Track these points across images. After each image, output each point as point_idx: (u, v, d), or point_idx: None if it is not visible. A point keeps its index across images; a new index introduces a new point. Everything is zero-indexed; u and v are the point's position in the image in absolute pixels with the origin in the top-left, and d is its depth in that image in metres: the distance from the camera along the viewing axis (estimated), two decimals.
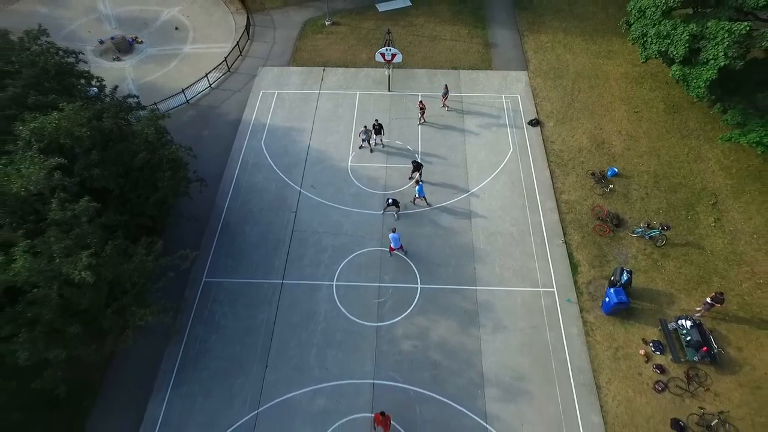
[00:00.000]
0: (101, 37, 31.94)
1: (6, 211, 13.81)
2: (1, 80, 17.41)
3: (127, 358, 18.74)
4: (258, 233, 22.06)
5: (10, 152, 15.24)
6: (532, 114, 26.96)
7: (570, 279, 20.51)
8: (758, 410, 17.02)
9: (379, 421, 15.58)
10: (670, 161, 24.39)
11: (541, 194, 23.37)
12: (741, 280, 20.19)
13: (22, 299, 13.45)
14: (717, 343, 18.28)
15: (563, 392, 17.66)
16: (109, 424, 17.26)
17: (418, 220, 22.48)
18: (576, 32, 31.62)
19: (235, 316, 19.68)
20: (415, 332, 19.12)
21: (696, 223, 22.07)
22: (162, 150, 18.27)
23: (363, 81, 29.09)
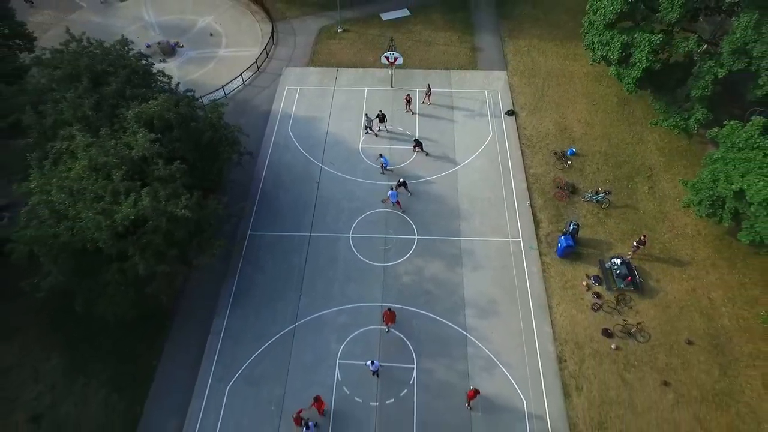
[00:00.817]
0: (148, 42, 37.74)
1: (128, 169, 19.73)
2: (106, 78, 23.33)
3: (194, 291, 24.69)
4: (289, 198, 28.03)
5: (125, 129, 21.17)
6: (509, 106, 32.94)
7: (533, 232, 26.49)
8: (665, 322, 23.02)
9: (387, 316, 21.57)
10: (618, 143, 30.39)
11: (514, 169, 29.35)
12: (664, 232, 26.18)
13: (140, 230, 19.39)
14: (640, 276, 24.29)
15: (524, 311, 23.64)
16: (185, 334, 23.20)
17: (417, 189, 28.42)
18: (549, 38, 37.58)
19: (274, 259, 25.63)
20: (413, 270, 25.08)
21: (634, 191, 28.07)
22: (222, 130, 24.23)
23: (370, 79, 35.05)
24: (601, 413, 20.74)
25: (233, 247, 25.41)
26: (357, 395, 21.25)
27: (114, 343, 22.87)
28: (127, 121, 21.39)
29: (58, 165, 20.34)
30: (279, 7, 40.97)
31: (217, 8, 41.51)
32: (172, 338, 23.26)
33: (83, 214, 18.38)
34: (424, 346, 22.51)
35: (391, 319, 22.01)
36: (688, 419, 20.44)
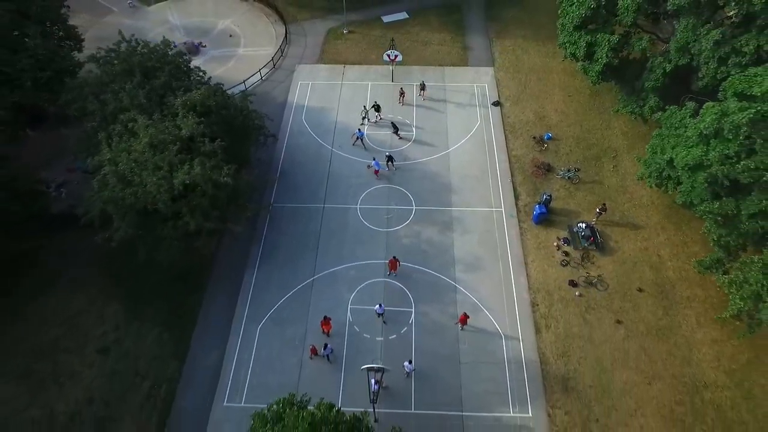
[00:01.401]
0: (175, 42, 42.21)
1: (180, 145, 24.36)
2: (154, 73, 27.95)
3: (227, 252, 29.29)
4: (305, 175, 32.70)
5: (175, 114, 25.79)
6: (495, 97, 37.64)
7: (513, 203, 31.20)
8: (621, 274, 27.73)
9: (392, 263, 26.32)
10: (588, 129, 35.11)
11: (498, 151, 34.06)
12: (623, 202, 30.91)
13: (191, 194, 24.01)
14: (601, 238, 29.01)
15: (504, 267, 28.32)
16: (221, 286, 27.84)
17: (415, 168, 33.10)
18: (531, 38, 42.24)
19: (294, 226, 30.27)
20: (411, 234, 29.74)
21: (600, 169, 32.79)
22: (251, 116, 28.87)
23: (373, 75, 39.70)
24: (565, 345, 25.46)
25: (259, 215, 30.03)
26: (365, 333, 25.91)
27: (163, 293, 27.48)
28: (176, 107, 26.02)
29: (121, 143, 24.93)
30: (290, 11, 45.63)
31: (234, 12, 46.17)
32: (211, 289, 27.91)
33: (147, 180, 23.01)
34: (421, 294, 27.19)
35: (395, 267, 26.74)
36: (636, 348, 25.15)
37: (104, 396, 24.11)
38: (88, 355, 25.41)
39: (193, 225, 23.76)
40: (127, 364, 25.13)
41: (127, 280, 28.05)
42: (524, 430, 22.98)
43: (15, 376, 24.47)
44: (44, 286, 27.67)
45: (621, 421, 23.06)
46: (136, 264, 27.26)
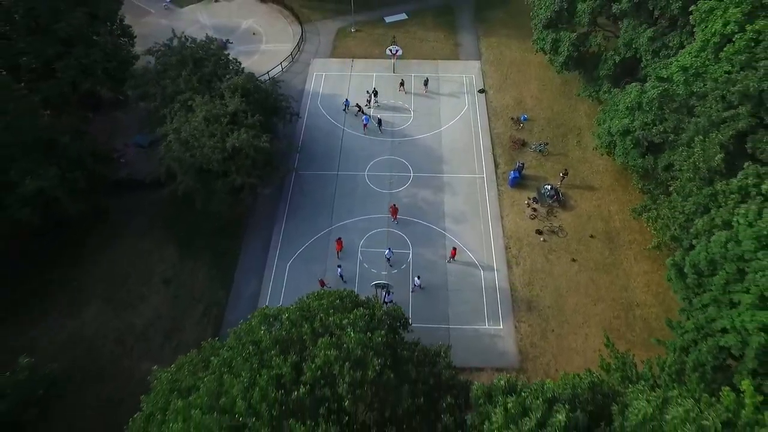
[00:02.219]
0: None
1: (228, 118, 31.15)
2: (202, 63, 34.71)
3: (259, 209, 36.05)
4: (321, 148, 39.50)
5: (222, 95, 32.56)
6: (481, 86, 44.44)
7: (493, 171, 38.00)
8: (578, 225, 34.55)
9: (393, 210, 33.18)
10: (558, 111, 41.91)
11: (482, 130, 40.86)
12: (584, 170, 37.72)
13: (237, 156, 30.76)
14: (563, 197, 35.82)
15: (484, 220, 35.12)
16: (256, 234, 34.62)
17: (413, 143, 39.89)
18: (513, 36, 48.99)
19: (313, 188, 37.03)
20: (409, 195, 36.51)
21: (566, 143, 39.61)
22: (278, 98, 35.66)
23: (377, 67, 46.47)
24: (530, 277, 32.29)
25: (285, 180, 36.84)
26: (372, 269, 32.69)
27: (210, 240, 34.26)
28: (222, 90, 32.82)
29: (181, 117, 31.69)
30: (305, 12, 52.44)
31: (255, 13, 53.00)
32: (248, 238, 34.70)
33: (205, 143, 29.80)
34: (417, 240, 33.98)
35: (395, 213, 33.63)
36: (586, 279, 31.98)
37: (169, 314, 30.95)
38: (154, 284, 32.25)
39: (239, 180, 30.58)
40: (185, 292, 31.96)
41: (180, 231, 34.87)
42: (496, 338, 29.82)
43: (101, 300, 31.26)
44: (113, 236, 34.47)
45: (571, 331, 29.89)
46: (186, 218, 34.51)
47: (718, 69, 24.08)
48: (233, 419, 15.03)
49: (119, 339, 29.87)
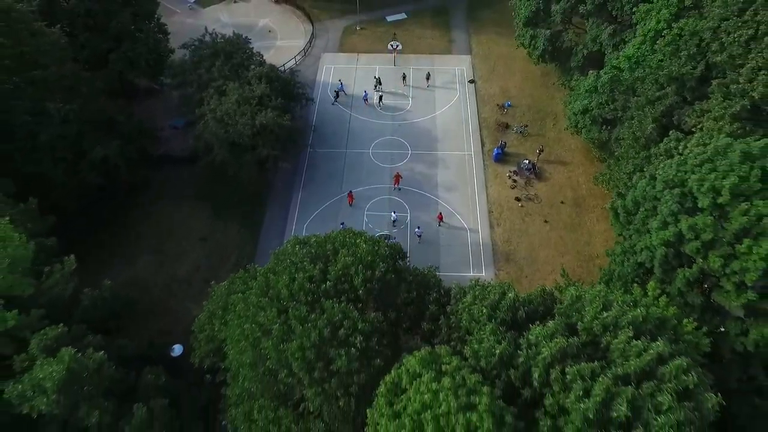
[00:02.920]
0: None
1: (256, 101, 37.26)
2: (231, 55, 40.79)
3: (279, 180, 42.18)
4: (331, 130, 45.65)
5: (250, 83, 38.66)
6: (471, 77, 50.57)
7: (480, 149, 44.13)
8: (551, 194, 40.69)
9: (396, 177, 39.37)
10: (538, 99, 48.02)
11: (471, 115, 46.98)
12: (558, 148, 43.85)
13: (264, 132, 36.86)
14: (539, 170, 41.93)
15: (471, 189, 41.24)
16: (277, 201, 40.78)
17: (411, 125, 46.00)
18: (500, 34, 55.00)
19: (325, 163, 43.15)
20: (407, 168, 42.59)
21: (543, 126, 45.73)
22: (296, 85, 41.80)
23: (380, 61, 52.56)
24: (509, 235, 38.40)
25: (300, 155, 43.01)
26: (377, 229, 38.77)
27: (238, 206, 40.31)
28: (249, 77, 38.94)
29: (216, 100, 37.78)
30: (315, 12, 58.58)
31: (270, 13, 59.16)
32: (270, 204, 40.81)
33: (238, 121, 35.91)
34: (414, 205, 40.07)
35: (398, 180, 39.82)
36: (555, 237, 38.08)
37: (206, 265, 37.07)
38: (192, 241, 38.40)
39: (265, 152, 36.72)
40: (219, 247, 38.09)
41: (212, 199, 40.97)
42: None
43: (150, 253, 37.35)
44: (156, 202, 40.60)
45: (541, 277, 36.00)
46: (217, 188, 40.69)
47: (653, 58, 30.17)
48: (280, 304, 21.14)
49: (166, 284, 36.01)
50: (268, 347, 19.26)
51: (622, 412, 15.11)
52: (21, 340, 22.42)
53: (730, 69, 27.01)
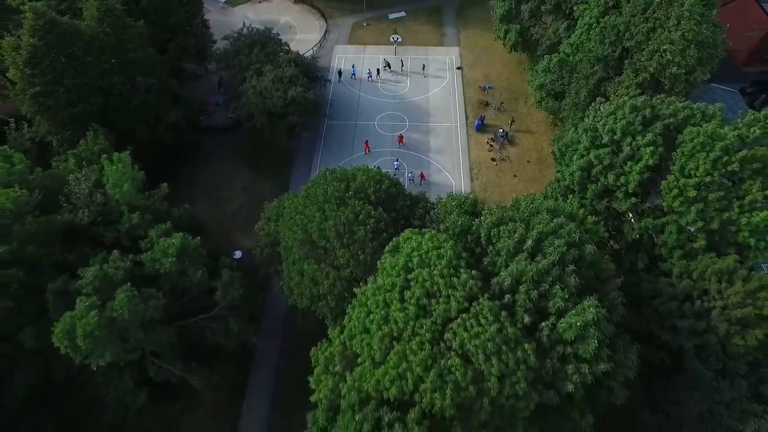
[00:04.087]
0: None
1: (287, 80, 47.63)
2: (266, 44, 51.18)
3: (302, 146, 52.63)
4: (344, 106, 56.12)
5: (279, 64, 49.03)
6: (458, 64, 61.00)
7: (464, 121, 54.58)
8: (520, 154, 51.17)
9: (399, 138, 49.89)
10: (514, 82, 58.44)
11: (457, 95, 57.44)
12: (527, 121, 54.28)
13: (293, 104, 47.27)
14: (511, 137, 52.38)
15: (456, 152, 51.70)
16: (301, 160, 51.26)
17: (409, 103, 56.42)
18: (485, 29, 65.23)
19: (339, 132, 53.62)
20: (406, 136, 53.02)
21: (517, 104, 56.16)
22: (317, 69, 52.24)
23: (383, 51, 62.95)
24: (485, 186, 48.84)
25: (319, 124, 53.50)
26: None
27: (271, 165, 50.82)
28: (280, 61, 49.36)
29: (254, 80, 48.18)
30: (328, 11, 69.04)
31: (290, 11, 69.61)
32: (296, 162, 51.29)
33: (273, 95, 46.33)
34: (411, 165, 50.46)
35: (401, 140, 50.39)
36: (522, 187, 48.47)
37: (248, 207, 47.49)
38: (236, 191, 48.90)
39: (294, 119, 47.17)
40: (257, 195, 48.42)
41: (249, 159, 51.47)
42: None
43: (205, 199, 47.84)
44: (206, 161, 51.07)
45: None
46: (252, 151, 51.03)
47: (587, 44, 40.56)
48: (318, 204, 31.49)
49: (219, 219, 46.51)
50: (312, 227, 29.72)
51: (529, 245, 25.51)
52: (135, 237, 32.72)
53: (637, 52, 37.46)
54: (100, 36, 39.34)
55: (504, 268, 25.45)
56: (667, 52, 35.79)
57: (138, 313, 26.83)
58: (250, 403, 37.01)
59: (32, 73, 36.27)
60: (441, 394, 21.74)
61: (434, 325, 23.30)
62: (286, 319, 40.74)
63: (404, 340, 23.38)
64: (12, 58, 36.02)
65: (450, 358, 22.51)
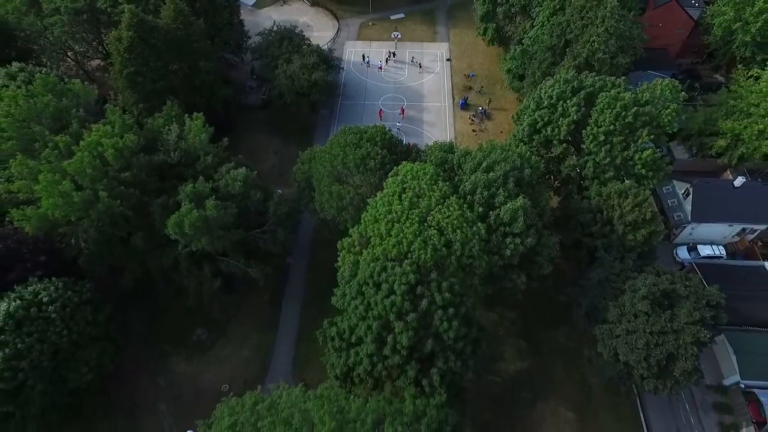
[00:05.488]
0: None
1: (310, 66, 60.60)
2: (292, 39, 64.10)
3: (320, 121, 65.64)
4: (353, 89, 69.19)
5: (303, 54, 61.97)
6: (448, 57, 74.10)
7: (451, 101, 67.62)
8: (495, 127, 64.24)
9: (402, 110, 62.93)
10: (493, 71, 71.45)
11: (446, 80, 70.52)
12: (502, 100, 67.29)
13: (315, 86, 60.28)
14: (489, 113, 65.39)
15: (444, 125, 64.71)
16: (321, 126, 64.29)
17: (407, 87, 69.44)
18: (471, 28, 78.05)
19: (351, 110, 66.64)
20: (406, 121, 66.07)
21: (494, 87, 69.21)
22: (333, 59, 65.27)
23: (386, 46, 76.02)
24: None
25: (334, 104, 66.55)
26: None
27: (296, 134, 63.79)
28: (304, 51, 62.37)
29: (285, 65, 61.13)
30: (339, 13, 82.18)
31: (308, 13, 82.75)
32: (317, 133, 64.23)
33: (301, 77, 59.30)
34: (409, 137, 63.41)
35: (403, 112, 63.48)
36: None
37: (279, 165, 60.37)
38: (268, 154, 61.89)
39: (316, 97, 60.22)
40: (286, 157, 61.28)
41: (278, 131, 64.48)
42: None
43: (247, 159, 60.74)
44: (245, 132, 64.02)
45: None
46: (281, 124, 63.99)
47: (542, 37, 53.52)
48: (339, 147, 44.32)
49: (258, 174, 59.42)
50: (337, 161, 42.70)
51: (484, 166, 38.40)
52: (207, 175, 45.41)
53: (575, 42, 50.48)
54: (173, 31, 52.34)
55: (467, 179, 38.36)
56: (595, 42, 48.82)
57: (220, 215, 39.67)
58: (287, 303, 49.93)
59: (129, 57, 49.22)
60: (424, 252, 34.55)
61: (420, 212, 36.18)
62: (311, 248, 53.75)
63: (401, 222, 36.21)
64: (115, 45, 48.97)
65: (430, 231, 35.35)
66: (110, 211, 39.21)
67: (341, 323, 35.11)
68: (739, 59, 58.04)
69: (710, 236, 49.88)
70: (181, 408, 43.49)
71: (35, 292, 36.32)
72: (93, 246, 40.83)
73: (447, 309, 32.40)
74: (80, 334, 37.16)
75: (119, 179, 40.46)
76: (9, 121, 41.73)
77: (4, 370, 33.35)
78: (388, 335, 32.33)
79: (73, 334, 36.57)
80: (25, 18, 56.80)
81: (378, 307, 32.54)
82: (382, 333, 32.53)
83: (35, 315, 35.29)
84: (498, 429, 41.54)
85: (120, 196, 39.88)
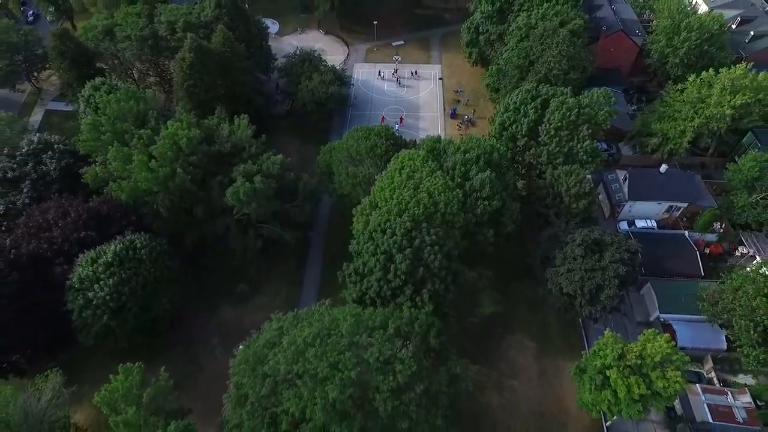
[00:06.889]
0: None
1: (328, 82, 74.73)
2: (311, 60, 78.46)
3: (334, 126, 79.57)
4: (361, 101, 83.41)
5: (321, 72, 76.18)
6: (440, 76, 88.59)
7: (443, 111, 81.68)
8: (479, 131, 77.98)
9: (401, 119, 76.79)
10: (477, 87, 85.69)
11: (439, 95, 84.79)
12: (485, 110, 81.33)
13: (331, 96, 74.33)
14: (474, 120, 79.34)
15: (437, 130, 78.59)
16: (337, 124, 78.14)
17: (406, 101, 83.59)
18: (460, 52, 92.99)
19: (359, 118, 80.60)
20: (406, 121, 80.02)
21: (478, 100, 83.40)
22: (345, 76, 79.55)
23: (389, 67, 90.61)
24: None
25: (346, 114, 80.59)
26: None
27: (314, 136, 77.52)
28: (322, 71, 76.66)
29: (306, 80, 75.29)
30: (349, 40, 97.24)
31: (322, 40, 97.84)
32: (332, 136, 77.98)
33: (320, 89, 73.40)
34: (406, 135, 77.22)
35: (402, 120, 77.30)
36: None
37: (300, 160, 74.06)
38: (292, 151, 75.43)
39: (332, 106, 74.30)
40: (305, 154, 74.80)
41: (299, 134, 78.33)
42: None
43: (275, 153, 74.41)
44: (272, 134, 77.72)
45: None
46: (301, 129, 78.01)
47: (512, 59, 67.68)
48: (354, 140, 57.89)
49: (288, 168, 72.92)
50: (352, 150, 56.26)
51: (462, 149, 51.84)
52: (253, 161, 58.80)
53: (537, 62, 64.66)
54: (222, 53, 66.66)
55: (450, 159, 51.79)
56: (551, 62, 62.98)
57: (265, 187, 52.86)
58: (309, 266, 62.76)
59: (189, 73, 63.33)
60: (417, 209, 47.59)
61: (414, 182, 49.44)
62: (328, 225, 66.88)
63: (400, 189, 49.38)
64: (179, 64, 63.13)
65: (421, 194, 48.50)
66: (183, 185, 52.44)
67: (356, 262, 47.90)
68: (673, 77, 72.16)
69: (645, 213, 62.91)
70: (228, 341, 55.78)
71: (131, 240, 49.26)
72: (166, 213, 53.93)
73: (434, 246, 45.26)
74: (161, 273, 49.93)
75: (189, 161, 53.86)
76: (105, 118, 55.47)
77: (113, 292, 45.98)
78: (391, 265, 45.09)
79: (157, 272, 49.33)
80: (102, 43, 71.30)
81: (384, 245, 45.43)
82: (386, 264, 45.30)
83: (132, 255, 48.14)
84: (476, 354, 53.70)
85: (190, 173, 53.21)
